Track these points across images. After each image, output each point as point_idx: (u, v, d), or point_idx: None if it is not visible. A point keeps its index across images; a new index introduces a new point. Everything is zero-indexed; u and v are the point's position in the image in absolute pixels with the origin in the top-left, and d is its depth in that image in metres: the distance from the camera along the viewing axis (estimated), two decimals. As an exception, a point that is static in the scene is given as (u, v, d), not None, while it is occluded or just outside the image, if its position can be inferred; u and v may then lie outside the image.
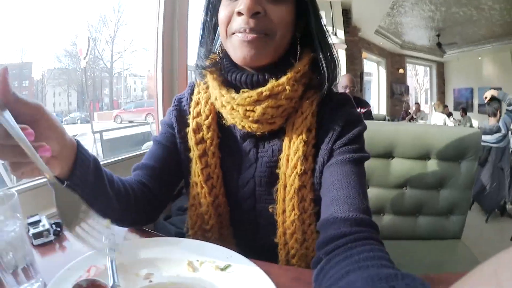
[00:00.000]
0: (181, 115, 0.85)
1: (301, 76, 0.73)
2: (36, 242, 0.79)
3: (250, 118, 0.71)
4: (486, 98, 4.07)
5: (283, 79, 0.70)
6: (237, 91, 0.73)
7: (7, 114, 0.45)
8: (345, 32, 6.75)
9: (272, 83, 0.70)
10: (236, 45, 0.70)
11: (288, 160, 0.74)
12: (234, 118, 0.74)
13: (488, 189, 3.86)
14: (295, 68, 0.72)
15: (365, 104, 3.59)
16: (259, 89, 0.70)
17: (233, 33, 0.70)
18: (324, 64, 0.74)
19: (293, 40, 0.76)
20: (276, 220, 0.77)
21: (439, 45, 9.49)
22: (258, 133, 0.76)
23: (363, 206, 0.63)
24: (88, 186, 0.64)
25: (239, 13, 0.68)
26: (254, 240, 0.82)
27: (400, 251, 1.50)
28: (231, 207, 0.83)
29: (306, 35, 0.76)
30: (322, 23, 0.76)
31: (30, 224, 0.83)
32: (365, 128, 0.77)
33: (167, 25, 1.67)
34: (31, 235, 0.79)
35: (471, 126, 7.31)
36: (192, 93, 0.86)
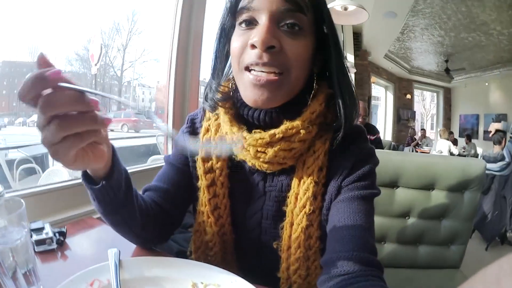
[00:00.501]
0: (194, 137, 0.82)
1: (317, 117, 0.69)
2: (38, 248, 0.79)
3: (261, 159, 0.68)
4: (490, 132, 4.05)
5: (298, 121, 0.66)
6: (249, 127, 0.70)
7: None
8: (355, 56, 6.81)
9: (286, 125, 0.66)
10: (247, 86, 0.65)
11: (296, 198, 0.71)
12: (244, 156, 0.71)
13: (489, 217, 3.81)
14: (310, 108, 0.68)
15: (375, 131, 3.60)
16: (272, 131, 0.66)
17: (245, 68, 0.65)
18: (342, 107, 0.69)
19: (310, 75, 0.71)
20: (280, 255, 0.74)
21: (447, 70, 9.53)
22: (268, 171, 0.73)
23: (368, 245, 0.62)
24: (121, 191, 0.64)
25: (253, 46, 0.62)
26: (257, 267, 0.80)
27: (399, 279, 1.49)
28: (236, 235, 0.80)
29: (324, 69, 0.72)
30: (344, 60, 0.72)
31: (33, 230, 0.83)
32: (376, 164, 0.74)
33: (182, 39, 1.69)
34: (33, 241, 0.79)
35: (475, 153, 7.30)
36: (204, 115, 0.83)
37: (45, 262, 0.76)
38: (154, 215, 0.76)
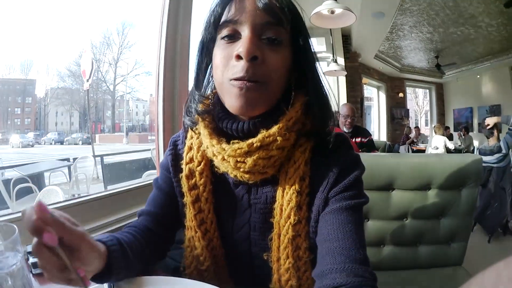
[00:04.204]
0: (176, 159, 0.83)
1: (293, 123, 0.70)
2: (35, 271, 0.79)
3: (241, 169, 0.69)
4: (488, 125, 4.02)
5: (274, 129, 0.67)
6: (228, 139, 0.71)
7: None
8: (345, 58, 6.83)
9: (263, 133, 0.67)
10: (233, 94, 0.66)
11: (281, 209, 0.72)
12: (226, 167, 0.72)
13: (489, 209, 3.83)
14: (287, 115, 0.69)
15: (367, 134, 3.60)
16: (250, 140, 0.67)
17: (230, 80, 0.66)
18: (317, 113, 0.72)
19: (287, 85, 0.73)
20: (271, 266, 0.75)
21: (438, 66, 9.57)
22: (250, 182, 0.73)
23: (359, 256, 0.62)
24: (122, 270, 0.67)
25: (238, 57, 0.64)
26: (250, 279, 0.81)
27: (400, 281, 1.49)
28: (226, 249, 0.81)
29: (300, 79, 0.74)
30: (318, 70, 0.75)
31: (29, 253, 0.82)
32: (362, 171, 0.74)
33: (169, 51, 1.70)
34: (30, 264, 0.79)
35: (468, 145, 7.33)
36: (186, 136, 0.84)
37: (43, 284, 0.77)
38: (147, 245, 0.79)
